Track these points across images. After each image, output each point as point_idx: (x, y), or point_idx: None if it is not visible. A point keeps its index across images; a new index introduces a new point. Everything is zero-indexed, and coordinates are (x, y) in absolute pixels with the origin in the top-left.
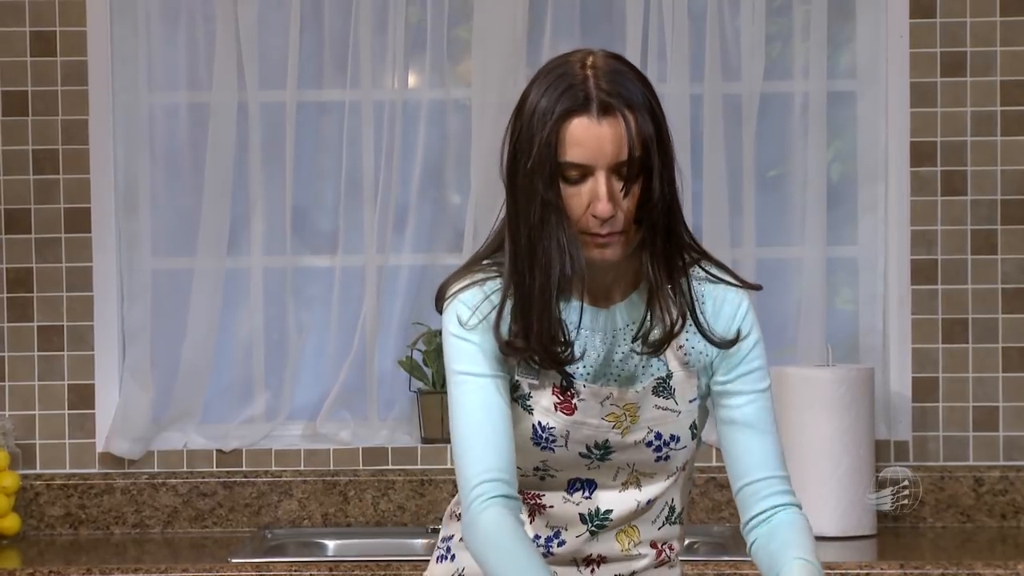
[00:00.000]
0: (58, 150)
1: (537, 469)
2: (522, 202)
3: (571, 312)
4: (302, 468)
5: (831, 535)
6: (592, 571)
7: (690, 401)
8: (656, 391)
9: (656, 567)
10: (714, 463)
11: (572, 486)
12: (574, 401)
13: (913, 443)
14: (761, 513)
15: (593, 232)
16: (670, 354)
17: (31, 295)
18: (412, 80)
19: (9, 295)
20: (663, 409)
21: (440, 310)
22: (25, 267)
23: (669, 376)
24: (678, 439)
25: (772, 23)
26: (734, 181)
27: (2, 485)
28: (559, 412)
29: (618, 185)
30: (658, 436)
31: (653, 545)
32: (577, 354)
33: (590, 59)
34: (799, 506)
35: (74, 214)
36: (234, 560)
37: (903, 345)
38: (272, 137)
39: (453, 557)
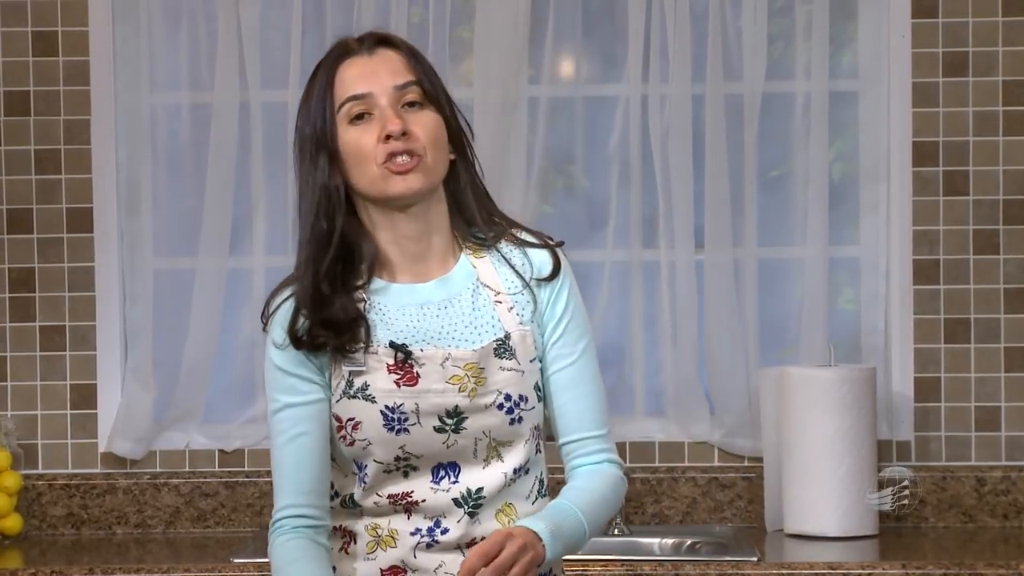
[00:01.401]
0: (60, 150)
1: (398, 459)
2: (310, 174)
3: (381, 291)
4: None
5: (833, 535)
6: None
7: (531, 361)
8: (497, 352)
9: None
10: (716, 463)
11: (436, 473)
12: (416, 370)
13: (915, 443)
14: (580, 468)
15: (391, 155)
16: (504, 314)
17: (33, 295)
18: None
19: (11, 295)
20: (508, 370)
21: (265, 329)
22: (27, 267)
23: (507, 336)
24: (526, 399)
25: (774, 23)
26: (736, 181)
27: (4, 485)
28: (403, 387)
29: (408, 115)
30: (508, 398)
31: None
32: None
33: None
34: (615, 462)
35: (76, 214)
36: (236, 560)
37: (905, 345)
38: (274, 137)
39: None
